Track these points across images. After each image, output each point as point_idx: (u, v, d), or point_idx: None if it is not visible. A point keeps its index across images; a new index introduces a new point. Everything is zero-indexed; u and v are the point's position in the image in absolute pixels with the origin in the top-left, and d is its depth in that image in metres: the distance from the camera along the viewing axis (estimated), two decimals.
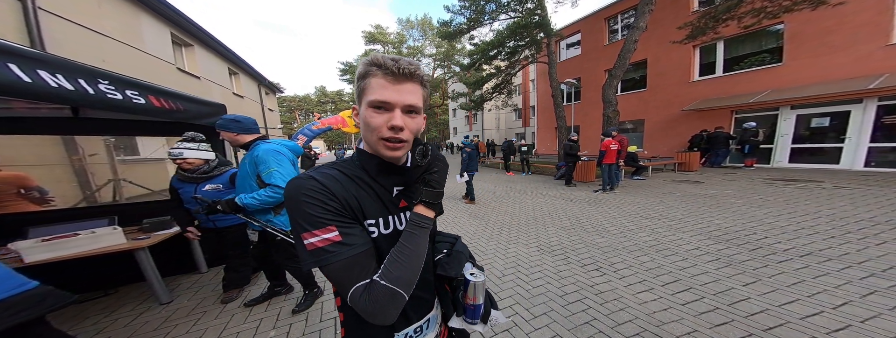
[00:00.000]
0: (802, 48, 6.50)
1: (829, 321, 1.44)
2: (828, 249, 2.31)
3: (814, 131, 6.50)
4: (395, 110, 0.46)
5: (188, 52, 8.13)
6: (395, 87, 0.45)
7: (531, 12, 8.13)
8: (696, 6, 8.19)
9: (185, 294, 2.12)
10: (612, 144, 5.20)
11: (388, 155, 0.49)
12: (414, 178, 0.57)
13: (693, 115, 8.35)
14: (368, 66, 0.46)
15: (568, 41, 12.62)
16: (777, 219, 3.16)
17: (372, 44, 18.37)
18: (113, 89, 1.42)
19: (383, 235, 0.52)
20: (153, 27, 6.39)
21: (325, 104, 36.06)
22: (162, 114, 1.72)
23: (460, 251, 0.64)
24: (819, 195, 4.05)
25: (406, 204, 0.57)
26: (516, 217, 3.91)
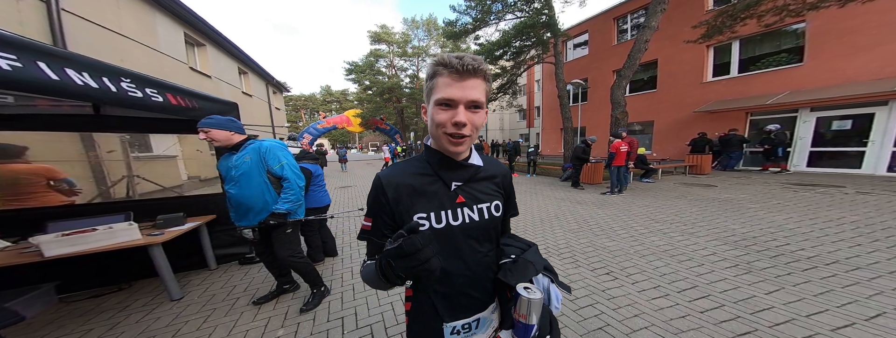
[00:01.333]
0: (825, 48, 6.25)
1: (863, 334, 1.36)
2: (855, 258, 2.19)
3: (835, 134, 6.24)
4: (459, 107, 0.49)
5: (200, 52, 8.34)
6: (459, 84, 0.48)
7: (538, 12, 8.03)
8: (711, 5, 7.98)
9: (195, 291, 2.14)
10: (622, 146, 5.09)
11: (451, 149, 0.53)
12: (472, 174, 0.60)
13: (705, 116, 8.14)
14: (436, 67, 0.50)
15: (575, 41, 12.49)
16: (798, 225, 3.04)
17: (377, 43, 18.48)
18: (134, 87, 1.47)
19: (436, 229, 0.55)
20: (167, 27, 6.57)
21: (329, 103, 36.47)
22: (178, 111, 1.77)
23: (528, 260, 0.59)
24: (841, 201, 3.88)
25: (463, 200, 0.58)
26: (522, 219, 3.85)
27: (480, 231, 0.59)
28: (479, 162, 0.62)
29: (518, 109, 22.54)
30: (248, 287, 2.18)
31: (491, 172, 0.64)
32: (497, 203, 0.62)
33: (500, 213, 0.62)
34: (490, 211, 0.60)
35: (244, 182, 1.58)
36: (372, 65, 18.62)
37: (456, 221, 0.56)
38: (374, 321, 1.70)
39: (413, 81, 18.75)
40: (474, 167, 0.60)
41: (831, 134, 6.29)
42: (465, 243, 0.57)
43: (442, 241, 0.55)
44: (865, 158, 5.84)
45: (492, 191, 0.62)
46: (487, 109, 0.55)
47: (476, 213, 0.58)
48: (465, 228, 0.57)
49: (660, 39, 7.75)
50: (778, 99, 6.57)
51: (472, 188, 0.60)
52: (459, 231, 0.57)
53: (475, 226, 0.58)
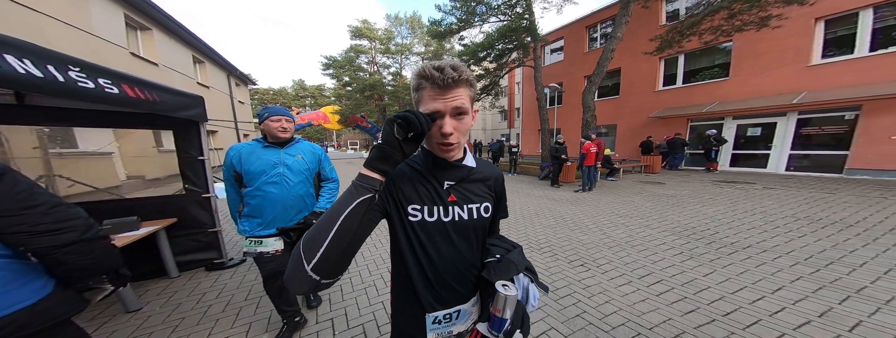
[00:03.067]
0: (744, 65, 7.49)
1: (770, 304, 1.74)
2: (763, 242, 2.75)
3: (748, 139, 7.59)
4: (445, 117, 0.51)
5: (145, 37, 7.21)
6: (442, 97, 0.50)
7: (520, 16, 8.31)
8: (663, 21, 8.98)
9: (156, 300, 1.93)
10: (591, 147, 5.59)
11: (442, 156, 0.58)
12: (464, 175, 0.63)
13: (657, 121, 9.25)
14: (419, 80, 0.52)
15: (552, 47, 13.14)
16: (724, 216, 3.68)
17: (358, 38, 17.47)
18: (85, 77, 1.25)
19: (427, 222, 0.58)
20: (104, 7, 5.61)
21: (303, 99, 33.84)
22: (136, 104, 1.55)
23: (512, 261, 0.63)
24: (753, 195, 4.77)
25: (455, 199, 0.61)
26: None
27: (469, 229, 0.62)
28: (472, 163, 0.65)
29: (500, 110, 23.14)
30: (222, 293, 2.02)
31: (484, 175, 0.66)
32: (487, 205, 0.64)
33: (489, 214, 0.64)
34: (479, 211, 0.62)
35: (293, 182, 1.43)
36: (352, 60, 17.62)
37: (447, 218, 0.59)
38: (366, 321, 1.70)
39: (396, 79, 18.19)
40: (467, 168, 0.63)
41: (746, 139, 7.63)
42: (454, 239, 0.60)
43: (432, 233, 0.58)
44: (770, 160, 7.21)
45: (483, 192, 0.65)
46: (475, 110, 0.57)
47: (466, 212, 0.61)
48: (454, 224, 0.60)
49: (623, 50, 8.52)
50: (710, 108, 7.75)
51: (464, 188, 0.62)
52: (449, 227, 0.59)
53: (464, 224, 0.61)
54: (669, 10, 8.98)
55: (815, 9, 5.94)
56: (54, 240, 0.67)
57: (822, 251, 2.46)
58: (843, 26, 6.15)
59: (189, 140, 2.19)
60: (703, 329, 1.53)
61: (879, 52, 5.70)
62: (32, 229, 0.64)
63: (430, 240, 0.59)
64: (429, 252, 0.59)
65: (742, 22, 5.83)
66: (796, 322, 1.56)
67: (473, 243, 0.63)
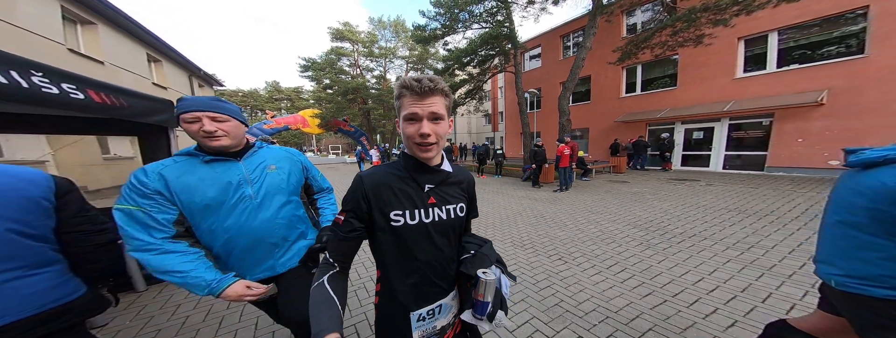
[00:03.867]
0: (687, 76, 8.58)
1: (707, 284, 2.12)
2: (703, 231, 3.25)
3: (694, 142, 8.72)
4: (423, 120, 0.58)
5: (88, 31, 6.39)
6: (420, 102, 0.57)
7: (501, 24, 8.69)
8: (624, 33, 9.96)
9: (124, 315, 1.82)
10: (565, 150, 6.06)
11: (421, 156, 0.63)
12: (443, 178, 0.69)
13: (622, 126, 10.21)
14: (401, 89, 0.59)
15: (531, 53, 13.82)
16: (675, 209, 4.24)
17: (339, 41, 16.82)
18: (48, 83, 1.19)
19: (409, 225, 0.64)
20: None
21: (278, 101, 31.68)
22: (102, 110, 1.47)
23: (485, 254, 0.70)
24: (698, 191, 5.53)
25: (435, 201, 0.67)
26: (492, 216, 4.29)
27: (447, 228, 0.68)
28: (449, 169, 0.71)
29: (484, 114, 23.71)
30: (199, 303, 1.96)
31: (458, 178, 0.74)
32: (462, 205, 0.72)
33: (464, 214, 0.72)
34: (456, 211, 0.69)
35: (274, 207, 0.98)
36: (333, 63, 16.89)
37: (427, 219, 0.65)
38: (358, 321, 1.77)
39: (380, 82, 17.78)
40: (445, 172, 0.69)
41: (693, 142, 8.75)
42: (434, 238, 0.66)
43: (414, 234, 0.64)
44: (711, 159, 8.35)
45: (458, 194, 0.72)
46: (451, 119, 0.64)
47: (444, 212, 0.67)
48: (434, 224, 0.65)
49: (592, 59, 9.32)
50: (663, 114, 8.77)
51: (442, 191, 0.69)
52: (430, 227, 0.65)
53: (443, 223, 0.67)
54: (629, 24, 9.98)
55: (737, 30, 7.02)
56: (99, 238, 0.78)
57: (745, 237, 2.99)
58: (757, 46, 7.36)
59: (156, 147, 2.10)
60: (658, 309, 1.83)
61: (784, 68, 6.94)
62: (88, 228, 0.76)
63: (413, 242, 0.64)
64: (412, 253, 0.65)
65: (683, 38, 6.74)
66: (726, 298, 1.92)
67: (452, 240, 0.70)
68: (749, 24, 6.94)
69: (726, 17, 5.90)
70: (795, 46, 6.81)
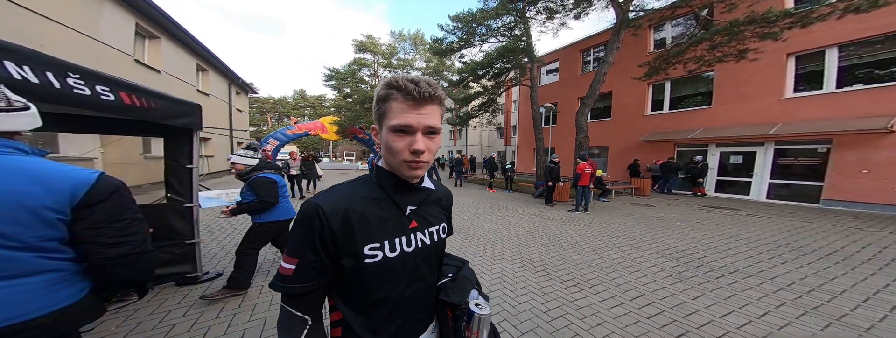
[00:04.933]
0: (725, 94, 7.97)
1: (756, 329, 1.77)
2: (748, 267, 2.82)
3: (731, 167, 7.95)
4: (417, 134, 0.47)
5: (153, 45, 7.42)
6: (415, 111, 0.46)
7: (518, 38, 8.84)
8: (651, 48, 9.65)
9: (113, 319, 1.76)
10: (586, 168, 5.72)
11: (408, 174, 0.51)
12: (425, 197, 0.59)
13: (646, 145, 9.65)
14: (388, 90, 0.47)
15: (548, 68, 13.84)
16: (711, 240, 3.78)
17: (362, 52, 18.15)
18: (83, 84, 1.27)
19: (388, 258, 0.51)
20: (116, 16, 5.84)
21: (302, 108, 34.21)
22: (131, 112, 1.55)
23: (466, 277, 0.61)
24: (738, 221, 4.93)
25: (416, 224, 0.57)
26: (500, 233, 4.07)
27: (431, 254, 0.59)
28: (430, 185, 0.61)
29: (496, 127, 23.74)
30: (189, 310, 1.89)
31: (438, 195, 0.64)
32: (443, 225, 0.63)
33: (446, 234, 0.63)
34: (439, 234, 0.61)
35: None
36: (354, 73, 18.12)
37: (409, 248, 0.54)
38: None
39: None
40: (427, 191, 0.59)
41: (729, 166, 7.99)
42: (417, 269, 0.56)
43: (394, 269, 0.52)
44: (752, 187, 7.52)
45: (439, 214, 0.63)
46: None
47: (428, 236, 0.58)
48: (417, 253, 0.55)
49: (614, 74, 9.03)
50: (695, 134, 8.17)
51: (425, 212, 0.59)
52: (412, 257, 0.54)
53: (426, 250, 0.58)
54: (657, 39, 9.70)
55: (787, 45, 6.36)
56: (113, 251, 0.71)
57: (803, 278, 2.54)
58: (812, 62, 6.69)
59: (179, 148, 2.16)
60: None
61: (845, 88, 6.19)
62: (102, 240, 0.70)
63: (392, 278, 0.52)
64: (389, 293, 0.52)
65: (722, 53, 6.21)
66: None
67: (434, 266, 0.62)
68: (802, 38, 6.28)
69: (776, 31, 5.32)
70: (860, 64, 6.07)
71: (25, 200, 0.61)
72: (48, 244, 0.65)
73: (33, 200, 0.62)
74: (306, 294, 0.50)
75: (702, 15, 7.24)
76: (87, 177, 0.69)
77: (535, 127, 9.36)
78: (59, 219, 0.65)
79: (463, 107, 10.84)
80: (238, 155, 2.09)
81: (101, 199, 0.70)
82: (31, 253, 0.63)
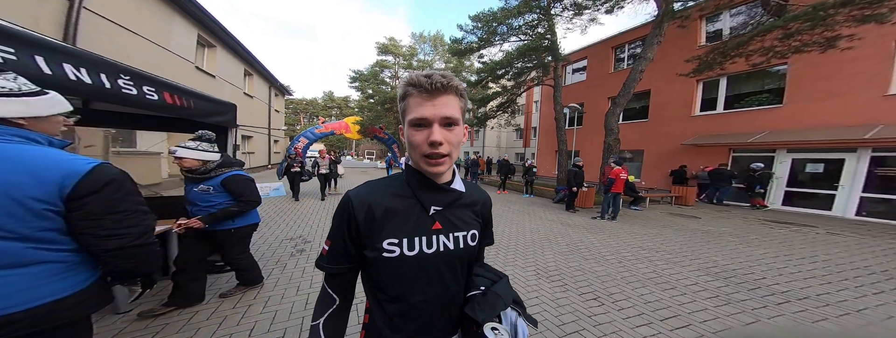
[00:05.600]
0: (802, 91, 6.68)
1: None
2: (825, 295, 2.31)
3: (808, 176, 6.64)
4: (433, 126, 0.47)
5: (210, 53, 8.50)
6: (430, 102, 0.47)
7: (541, 36, 8.43)
8: (703, 41, 8.51)
9: (148, 302, 1.89)
10: (621, 173, 5.17)
11: (429, 170, 0.51)
12: (453, 199, 0.57)
13: (691, 149, 8.52)
14: (406, 87, 0.49)
15: (574, 66, 13.00)
16: (774, 260, 3.18)
17: (384, 55, 19.01)
18: (130, 85, 1.41)
19: (406, 257, 0.51)
20: (183, 28, 6.77)
21: (330, 109, 36.65)
22: (171, 110, 1.69)
23: (498, 294, 0.55)
24: (814, 240, 4.10)
25: (440, 226, 0.55)
26: (514, 239, 3.87)
27: (454, 260, 0.56)
28: (461, 187, 0.59)
29: (515, 128, 23.07)
30: (211, 299, 1.97)
31: (472, 199, 0.62)
32: (473, 232, 0.59)
33: (475, 242, 0.59)
34: (466, 240, 0.57)
35: None
36: (376, 74, 19.03)
37: (430, 249, 0.53)
38: None
39: None
40: (457, 193, 0.57)
41: (805, 176, 6.69)
42: (437, 273, 0.54)
43: (412, 269, 0.52)
44: (836, 201, 6.20)
45: (470, 219, 0.60)
46: (466, 127, 0.54)
47: (451, 241, 0.55)
48: (438, 256, 0.54)
49: (654, 70, 8.13)
50: (758, 138, 6.97)
51: (451, 214, 0.57)
52: (432, 259, 0.53)
53: (449, 255, 0.55)
54: (710, 31, 8.54)
55: (892, 30, 4.99)
56: (110, 243, 0.70)
57: None
58: None
59: (216, 145, 2.36)
60: None
61: None
62: (98, 233, 0.68)
63: (411, 277, 0.53)
64: (409, 291, 0.53)
65: (801, 42, 5.13)
66: None
67: (460, 274, 0.58)
68: None
69: (884, 12, 4.27)
70: None
71: (12, 189, 0.60)
72: (45, 235, 0.63)
73: (20, 190, 0.60)
74: (336, 276, 0.56)
75: (773, 1, 6.17)
76: (79, 167, 0.66)
77: (558, 129, 8.83)
78: (49, 210, 0.63)
79: (481, 107, 10.64)
80: (187, 147, 1.69)
81: (94, 190, 0.67)
82: (22, 243, 0.61)
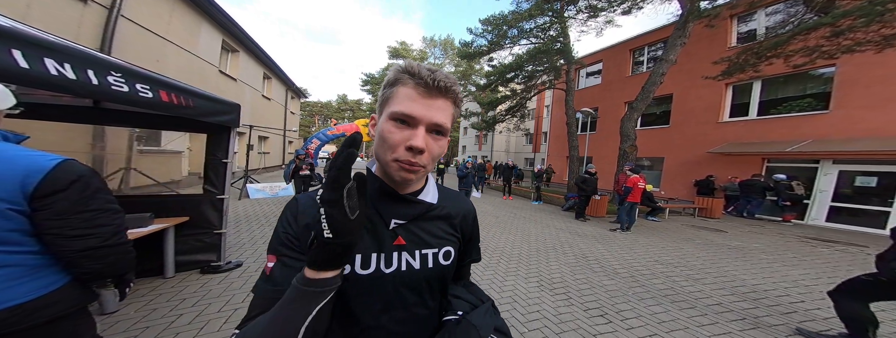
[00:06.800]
0: (853, 96, 6.02)
1: None
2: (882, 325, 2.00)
3: (857, 191, 5.94)
4: (419, 128, 0.40)
5: (233, 57, 8.88)
6: (424, 100, 0.40)
7: (553, 39, 8.24)
8: (733, 42, 7.92)
9: (136, 302, 1.83)
10: (640, 182, 4.88)
11: (398, 177, 0.42)
12: (420, 212, 0.49)
13: (719, 158, 7.90)
14: (400, 74, 0.41)
15: (588, 70, 12.54)
16: (816, 282, 2.83)
17: (395, 58, 19.50)
18: (122, 81, 1.38)
19: (359, 275, 0.43)
20: (210, 34, 7.12)
21: (343, 112, 37.74)
22: (171, 109, 1.67)
23: (473, 324, 0.46)
24: (864, 261, 3.62)
25: (403, 242, 0.47)
26: (518, 247, 3.71)
27: (420, 282, 0.48)
28: (432, 198, 0.50)
29: (525, 133, 22.66)
30: (199, 301, 1.92)
31: (447, 211, 0.52)
32: (448, 249, 0.50)
33: (450, 261, 0.51)
34: (436, 259, 0.49)
35: None
36: None
37: (389, 269, 0.45)
38: None
39: None
40: (424, 205, 0.49)
41: (853, 190, 5.99)
42: (398, 296, 0.46)
43: (367, 290, 0.44)
44: (890, 218, 5.50)
45: (444, 234, 0.51)
46: (449, 138, 0.47)
47: (417, 260, 0.47)
48: (399, 276, 0.46)
49: (676, 74, 7.67)
50: (799, 147, 6.34)
51: (418, 228, 0.48)
52: (391, 280, 0.45)
53: (414, 276, 0.47)
54: (742, 31, 7.93)
55: None
56: (78, 244, 0.66)
57: None
58: None
59: (219, 144, 2.27)
60: None
61: None
62: (66, 233, 0.65)
63: (364, 300, 0.44)
64: (359, 315, 0.44)
65: (853, 41, 4.53)
66: None
67: (428, 297, 0.49)
68: None
69: None
70: None
71: None
72: (8, 236, 0.61)
73: None
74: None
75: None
76: (42, 164, 0.63)
77: (570, 134, 8.51)
78: (11, 209, 0.60)
79: (489, 111, 10.49)
80: None
81: (60, 188, 0.64)
82: None
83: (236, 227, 3.83)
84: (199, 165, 6.85)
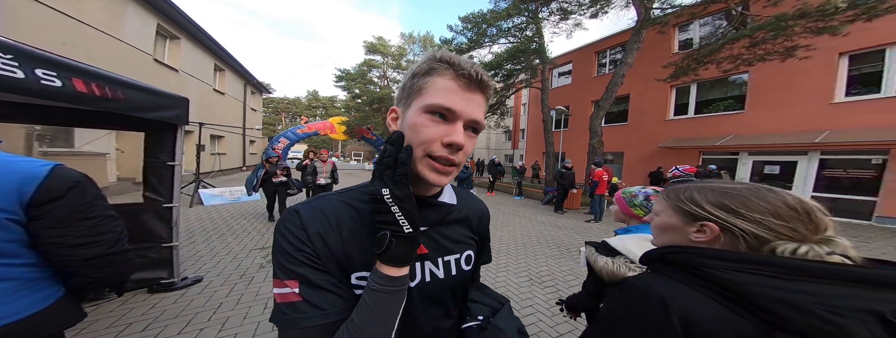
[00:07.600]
0: (761, 99, 7.28)
1: None
2: None
3: (765, 178, 7.21)
4: (457, 123, 0.36)
5: (173, 45, 7.65)
6: (464, 94, 0.37)
7: (530, 39, 8.55)
8: (675, 49, 8.99)
9: (68, 333, 1.52)
10: (603, 175, 5.29)
11: (432, 179, 0.37)
12: (442, 215, 0.45)
13: (668, 152, 8.98)
14: (436, 63, 0.37)
15: (560, 70, 13.30)
16: None
17: (372, 54, 18.50)
18: (13, 65, 1.07)
19: None
20: (139, 17, 6.02)
21: (315, 109, 35.30)
22: (88, 101, 1.35)
23: (501, 329, 0.44)
24: None
25: (426, 251, 0.42)
26: (506, 242, 3.77)
27: (445, 291, 0.45)
28: (450, 199, 0.47)
29: (504, 130, 23.38)
30: (152, 324, 1.66)
31: (465, 213, 0.49)
32: (469, 253, 0.48)
33: (470, 265, 0.48)
34: (459, 265, 0.46)
35: None
36: (364, 74, 18.52)
37: (413, 282, 0.42)
38: None
39: None
40: (446, 207, 0.46)
41: (762, 177, 7.25)
42: (422, 308, 0.42)
43: None
44: None
45: (464, 237, 0.48)
46: None
47: (441, 268, 0.44)
48: (424, 288, 0.43)
49: (633, 75, 8.40)
50: (724, 142, 7.51)
51: (438, 234, 0.45)
52: (417, 294, 0.42)
53: (438, 285, 0.44)
54: (682, 39, 9.04)
55: (840, 43, 5.47)
56: (82, 253, 0.64)
57: None
58: (868, 63, 5.95)
59: (160, 144, 1.96)
60: None
61: None
62: (69, 241, 0.62)
63: None
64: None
65: (765, 51, 5.56)
66: None
67: (451, 307, 0.46)
68: (859, 36, 5.46)
69: (836, 24, 4.70)
70: None
71: None
72: (5, 247, 0.58)
73: None
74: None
75: (737, 10, 6.62)
76: (35, 171, 0.60)
77: (546, 131, 8.94)
78: (10, 219, 0.57)
79: None
80: None
81: (58, 195, 0.62)
82: None
83: (190, 238, 3.29)
84: (133, 170, 5.71)
